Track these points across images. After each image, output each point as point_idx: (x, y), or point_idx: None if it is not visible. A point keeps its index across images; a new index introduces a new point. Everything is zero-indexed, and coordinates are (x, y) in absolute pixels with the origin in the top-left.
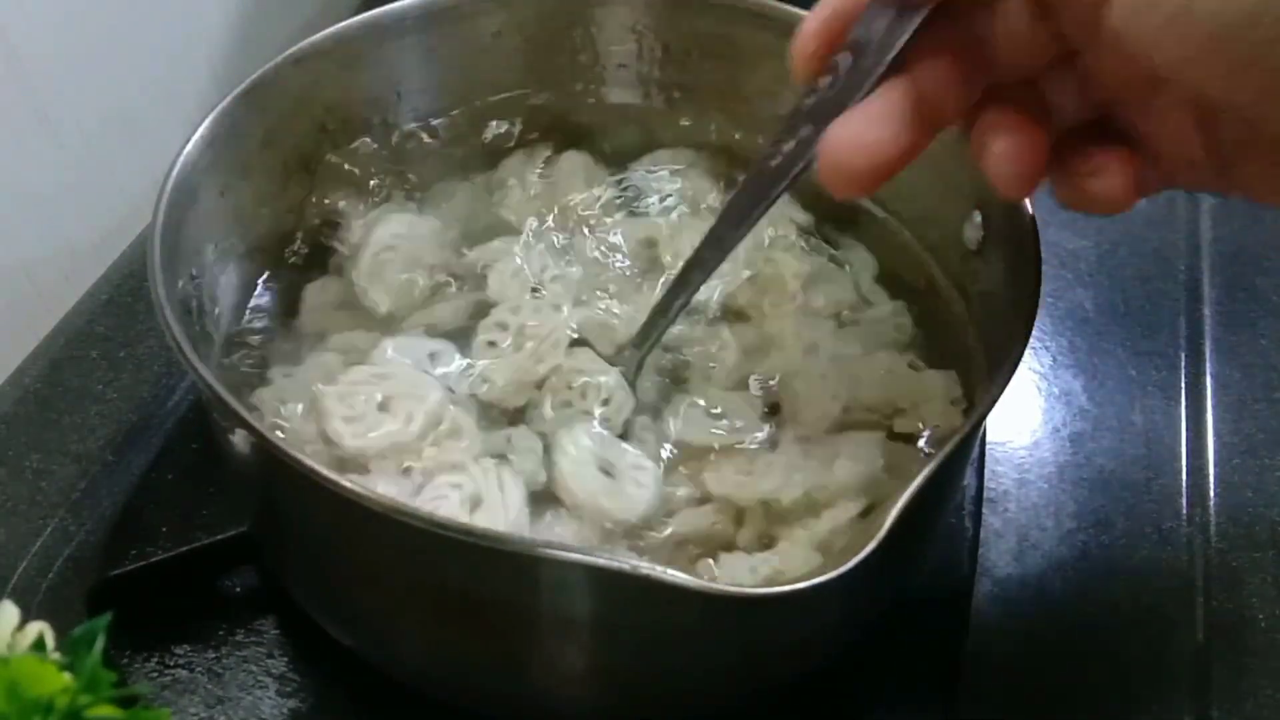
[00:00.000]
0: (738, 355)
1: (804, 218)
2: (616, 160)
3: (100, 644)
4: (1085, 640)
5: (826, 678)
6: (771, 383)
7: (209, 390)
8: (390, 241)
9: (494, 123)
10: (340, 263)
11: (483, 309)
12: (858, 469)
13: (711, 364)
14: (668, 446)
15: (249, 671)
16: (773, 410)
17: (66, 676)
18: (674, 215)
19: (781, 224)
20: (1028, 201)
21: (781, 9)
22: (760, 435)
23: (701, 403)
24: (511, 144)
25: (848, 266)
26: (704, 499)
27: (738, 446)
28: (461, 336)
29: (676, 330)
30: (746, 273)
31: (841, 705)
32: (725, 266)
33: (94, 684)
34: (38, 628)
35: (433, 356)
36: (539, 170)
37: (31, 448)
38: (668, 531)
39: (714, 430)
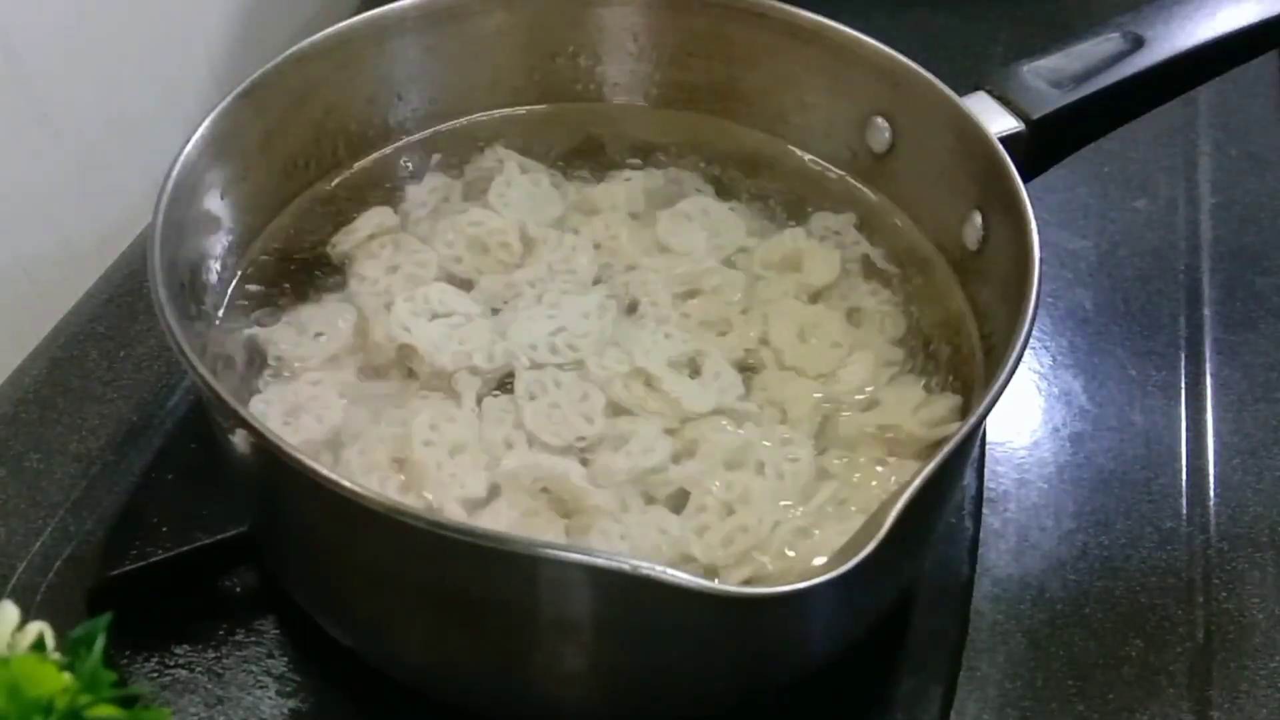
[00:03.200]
0: None
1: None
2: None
3: (101, 644)
4: (1085, 640)
5: (826, 677)
6: None
7: (209, 390)
8: None
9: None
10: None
11: None
12: None
13: None
14: None
15: (249, 672)
16: None
17: (67, 676)
18: None
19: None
20: (1027, 202)
21: (781, 9)
22: None
23: None
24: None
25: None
26: None
27: None
28: None
29: None
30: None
31: (841, 705)
32: None
33: (94, 684)
34: (38, 628)
35: None
36: None
37: (31, 447)
38: None
39: None
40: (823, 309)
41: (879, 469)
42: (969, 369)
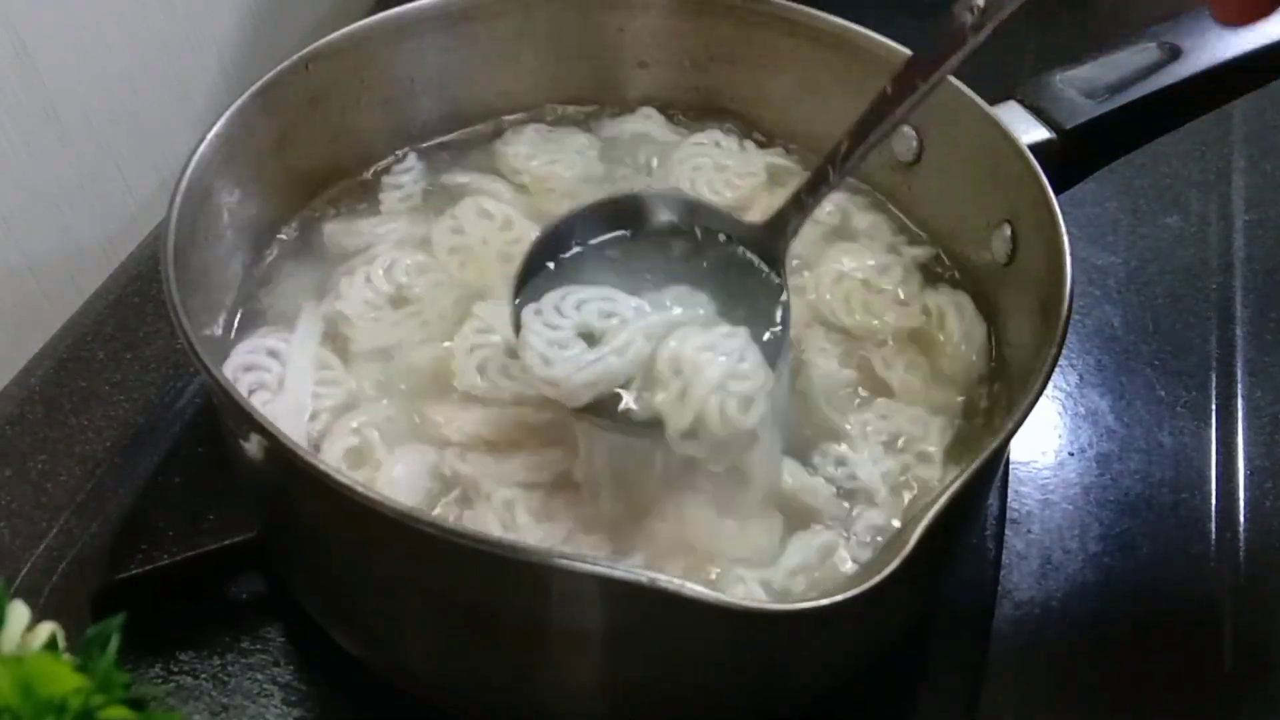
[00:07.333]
0: None
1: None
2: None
3: (114, 644)
4: (1109, 665)
5: (846, 697)
6: None
7: (222, 393)
8: None
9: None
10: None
11: None
12: None
13: None
14: None
15: (254, 679)
16: None
17: (80, 676)
18: None
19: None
20: (1059, 214)
21: (805, 13)
22: None
23: None
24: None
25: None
26: None
27: None
28: None
29: None
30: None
31: None
32: None
33: (107, 684)
34: (49, 628)
35: None
36: None
37: (37, 449)
38: None
39: None
40: None
41: None
42: (994, 385)
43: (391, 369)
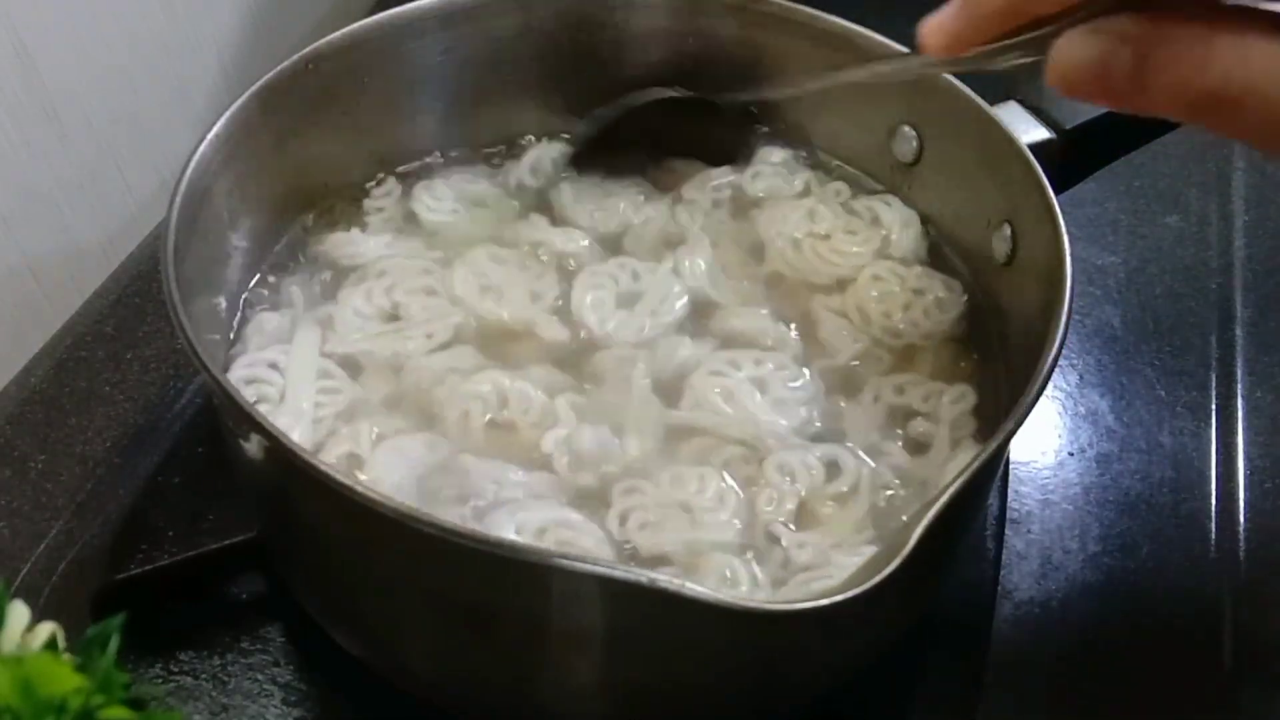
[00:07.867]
0: None
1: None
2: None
3: (114, 645)
4: (1109, 665)
5: (845, 698)
6: None
7: (222, 393)
8: None
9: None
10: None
11: None
12: None
13: None
14: None
15: (254, 680)
16: None
17: (80, 677)
18: None
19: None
20: (1059, 214)
21: (807, 13)
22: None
23: None
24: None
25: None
26: None
27: None
28: None
29: None
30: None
31: None
32: None
33: (107, 685)
34: (49, 628)
35: None
36: None
37: (37, 449)
38: None
39: None
40: None
41: None
42: (994, 385)
43: (398, 380)
